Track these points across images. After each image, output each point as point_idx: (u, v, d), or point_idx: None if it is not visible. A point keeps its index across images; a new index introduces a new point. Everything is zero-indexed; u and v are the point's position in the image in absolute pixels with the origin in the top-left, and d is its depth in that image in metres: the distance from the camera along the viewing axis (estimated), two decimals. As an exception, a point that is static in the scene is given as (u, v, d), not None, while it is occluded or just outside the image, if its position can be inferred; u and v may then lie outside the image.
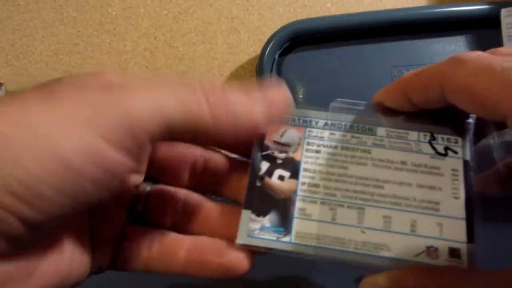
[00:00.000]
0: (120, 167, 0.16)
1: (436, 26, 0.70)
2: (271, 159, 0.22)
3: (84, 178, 0.15)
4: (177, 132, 0.18)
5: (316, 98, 0.92)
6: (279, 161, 0.22)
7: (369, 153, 0.22)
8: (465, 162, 0.22)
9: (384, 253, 0.20)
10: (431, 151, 0.22)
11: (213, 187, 0.24)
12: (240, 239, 0.21)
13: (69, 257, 0.19)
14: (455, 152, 0.22)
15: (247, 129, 0.19)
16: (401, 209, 0.21)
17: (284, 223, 0.21)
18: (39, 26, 0.75)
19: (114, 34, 0.74)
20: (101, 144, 0.15)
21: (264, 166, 0.22)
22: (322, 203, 0.21)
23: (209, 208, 0.23)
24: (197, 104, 0.17)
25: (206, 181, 0.24)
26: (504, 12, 0.55)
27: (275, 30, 0.65)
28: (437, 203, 0.21)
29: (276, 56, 0.66)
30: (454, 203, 0.21)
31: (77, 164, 0.15)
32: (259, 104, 0.19)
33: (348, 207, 0.21)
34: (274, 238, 0.20)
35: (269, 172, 0.22)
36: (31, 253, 0.17)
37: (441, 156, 0.22)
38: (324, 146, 0.22)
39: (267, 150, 0.22)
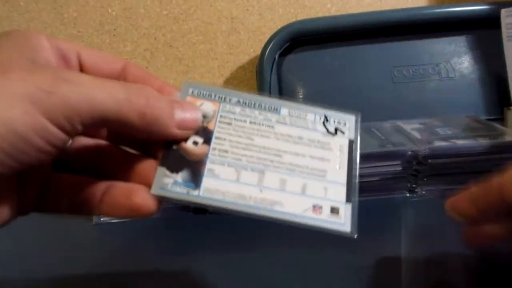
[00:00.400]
0: (59, 140, 0.20)
1: (436, 26, 0.70)
2: None
3: (29, 145, 0.19)
4: (108, 122, 0.21)
5: (316, 98, 0.92)
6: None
7: (273, 128, 0.26)
8: (350, 141, 0.26)
9: (278, 208, 0.24)
10: (324, 130, 0.26)
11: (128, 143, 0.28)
12: (154, 190, 0.23)
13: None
14: (343, 132, 0.27)
15: (162, 132, 0.23)
16: (295, 174, 0.25)
17: (195, 180, 0.24)
18: (39, 27, 0.75)
19: (114, 35, 0.75)
20: (45, 121, 0.19)
21: None
22: (229, 165, 0.24)
23: (126, 157, 0.26)
24: (128, 102, 0.21)
25: (124, 138, 0.27)
26: (504, 12, 0.55)
27: (275, 30, 0.65)
28: (325, 171, 0.25)
29: (276, 56, 0.66)
30: (338, 172, 0.25)
31: (24, 133, 0.18)
32: (177, 116, 0.23)
33: (251, 170, 0.25)
34: (185, 192, 0.23)
35: (185, 138, 0.25)
36: None
37: (331, 134, 0.26)
38: (235, 119, 0.26)
39: None
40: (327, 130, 0.26)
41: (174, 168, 0.24)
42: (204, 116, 0.25)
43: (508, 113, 0.58)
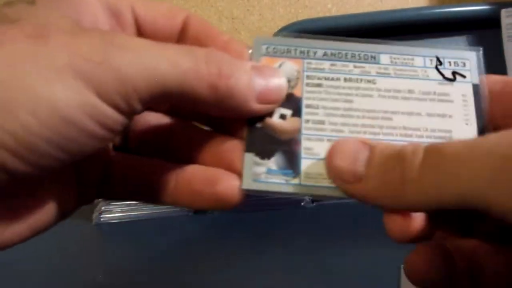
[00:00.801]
0: (115, 122, 0.16)
1: (436, 27, 0.70)
2: None
3: (81, 133, 0.15)
4: (171, 97, 0.17)
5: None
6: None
7: (374, 83, 0.21)
8: (474, 86, 0.21)
9: None
10: (439, 76, 0.21)
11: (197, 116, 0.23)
12: (246, 184, 0.19)
13: (56, 198, 0.19)
14: (463, 76, 0.21)
15: (239, 108, 0.19)
16: (412, 139, 0.20)
17: (292, 165, 0.19)
18: (39, 27, 0.75)
19: (114, 35, 0.74)
20: (96, 100, 0.15)
21: None
22: (329, 140, 0.20)
23: (199, 135, 0.22)
24: (195, 72, 0.17)
25: (193, 111, 0.23)
26: (504, 12, 0.55)
27: (275, 30, 0.65)
28: (449, 131, 0.20)
29: (277, 57, 0.66)
30: (466, 130, 0.20)
31: (75, 118, 0.15)
32: (257, 87, 0.19)
33: None
34: (283, 181, 0.19)
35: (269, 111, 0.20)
36: (12, 200, 0.17)
37: (449, 81, 0.21)
38: (326, 78, 0.21)
39: None
40: (443, 76, 0.21)
41: (264, 153, 0.19)
42: (288, 81, 0.20)
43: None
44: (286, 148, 0.20)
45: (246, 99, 0.19)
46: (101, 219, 0.49)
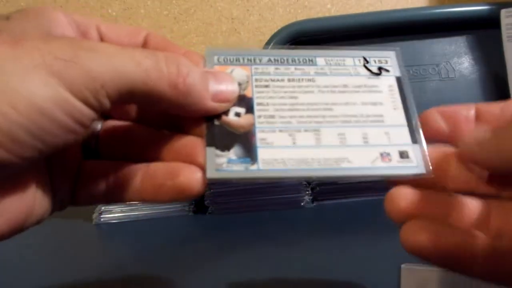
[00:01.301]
0: (85, 116, 0.18)
1: (436, 27, 0.70)
2: None
3: (54, 124, 0.17)
4: (137, 97, 0.19)
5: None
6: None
7: (314, 81, 0.24)
8: (397, 78, 0.25)
9: (345, 165, 0.22)
10: (367, 72, 0.25)
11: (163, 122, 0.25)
12: (210, 174, 0.21)
13: (31, 195, 0.20)
14: (387, 71, 0.25)
15: (196, 106, 0.21)
16: (352, 125, 0.23)
17: (250, 154, 0.22)
18: (39, 27, 0.75)
19: (114, 35, 0.74)
20: (67, 94, 0.17)
21: None
22: (280, 131, 0.22)
23: (161, 137, 0.24)
24: (157, 71, 0.19)
25: (155, 117, 0.25)
26: (504, 12, 0.55)
27: (275, 31, 0.65)
28: (381, 115, 0.23)
29: (277, 57, 0.66)
30: (395, 114, 0.24)
31: (48, 110, 0.17)
32: (211, 88, 0.21)
33: (305, 131, 0.23)
34: (243, 168, 0.21)
35: (225, 111, 0.23)
36: None
37: (376, 75, 0.25)
38: (272, 80, 0.24)
39: None
40: (371, 71, 0.25)
41: (224, 146, 0.22)
42: (239, 84, 0.23)
43: (508, 113, 0.58)
44: (243, 140, 0.22)
45: (202, 96, 0.21)
46: (101, 219, 0.49)
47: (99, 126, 0.25)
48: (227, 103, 0.22)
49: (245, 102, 0.23)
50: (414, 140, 0.23)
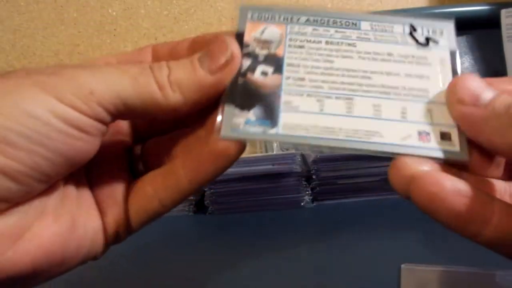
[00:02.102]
0: (82, 123, 0.18)
1: (436, 27, 0.70)
2: (252, 56, 0.22)
3: (45, 126, 0.18)
4: (133, 109, 0.19)
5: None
6: (260, 58, 0.22)
7: (355, 46, 0.22)
8: (452, 52, 0.22)
9: (376, 139, 0.20)
10: (414, 42, 0.22)
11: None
12: (225, 133, 0.20)
13: (69, 219, 0.21)
14: (436, 42, 0.22)
15: (198, 96, 0.20)
16: (390, 97, 0.21)
17: (270, 116, 0.20)
18: (39, 27, 0.75)
19: (114, 35, 0.75)
20: (54, 101, 0.18)
21: (246, 63, 0.21)
22: (308, 95, 0.21)
23: (187, 136, 0.23)
24: (146, 82, 0.19)
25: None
26: (504, 12, 0.55)
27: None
28: (426, 90, 0.21)
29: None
30: (444, 90, 0.21)
31: (37, 113, 0.17)
32: (205, 69, 0.20)
33: (336, 97, 0.21)
34: (260, 131, 0.20)
35: (251, 69, 0.21)
36: (24, 212, 0.19)
37: (424, 46, 0.22)
38: (308, 41, 0.22)
39: (247, 47, 0.22)
40: (417, 41, 0.22)
41: (244, 105, 0.20)
42: (270, 42, 0.22)
43: (508, 113, 0.58)
44: (266, 101, 0.21)
45: (196, 79, 0.20)
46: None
47: (139, 147, 0.25)
48: (231, 65, 0.21)
49: (274, 61, 0.22)
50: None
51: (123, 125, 0.25)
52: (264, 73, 0.21)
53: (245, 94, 0.21)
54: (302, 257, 0.39)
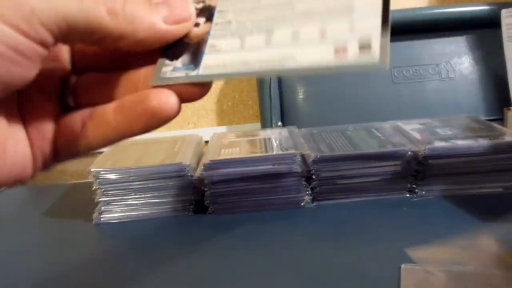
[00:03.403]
0: (25, 47, 0.18)
1: (436, 27, 0.70)
2: None
3: None
4: (78, 30, 0.19)
5: (316, 98, 0.92)
6: (196, 11, 0.23)
7: None
8: None
9: (289, 63, 0.20)
10: None
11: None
12: (154, 82, 0.21)
13: (10, 153, 0.21)
14: None
15: (145, 36, 0.21)
16: (311, 22, 0.21)
17: (195, 61, 0.22)
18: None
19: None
20: (6, 28, 0.17)
21: None
22: (232, 35, 0.22)
23: (126, 76, 0.24)
24: (94, 4, 0.19)
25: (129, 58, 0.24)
26: (504, 12, 0.55)
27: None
28: (351, 7, 0.21)
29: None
30: (370, 5, 0.20)
31: None
32: (160, 17, 0.21)
33: (257, 32, 0.22)
34: (183, 75, 0.21)
35: None
36: None
37: None
38: None
39: None
40: None
41: (174, 56, 0.22)
42: None
43: (508, 113, 0.58)
44: (194, 49, 0.22)
45: (150, 21, 0.21)
46: (101, 219, 0.49)
47: (73, 79, 0.25)
48: (185, 23, 0.22)
49: (208, 11, 0.23)
50: (385, 30, 0.20)
51: (63, 52, 0.24)
52: (197, 25, 0.23)
53: (177, 46, 0.22)
54: (302, 257, 0.39)
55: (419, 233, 0.42)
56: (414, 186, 0.49)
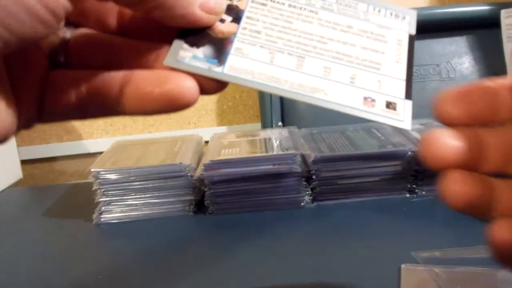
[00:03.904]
0: (58, 5, 0.17)
1: (436, 27, 0.70)
2: None
3: (26, 11, 0.16)
4: None
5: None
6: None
7: (316, 13, 0.23)
8: (410, 36, 0.24)
9: (320, 95, 0.21)
10: (379, 21, 0.23)
11: (148, 34, 0.23)
12: (169, 61, 0.20)
13: None
14: (400, 27, 0.24)
15: (185, 11, 0.20)
16: (342, 63, 0.22)
17: (219, 57, 0.21)
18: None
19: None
20: None
21: None
22: (261, 46, 0.22)
23: (142, 47, 0.22)
24: None
25: (139, 27, 0.22)
26: (504, 13, 0.55)
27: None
28: (379, 63, 0.22)
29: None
30: (396, 66, 0.22)
31: None
32: (198, 3, 0.20)
33: (289, 54, 0.22)
34: (206, 67, 0.21)
35: None
36: None
37: (386, 28, 0.23)
38: (271, 1, 0.23)
39: None
40: (382, 23, 0.23)
41: (194, 43, 0.21)
42: None
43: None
44: (217, 44, 0.21)
45: (190, 2, 0.20)
46: (101, 219, 0.49)
47: (67, 33, 0.22)
48: (215, 15, 0.21)
49: (235, 12, 0.22)
50: (408, 96, 0.22)
51: None
52: (222, 20, 0.22)
53: (199, 35, 0.21)
54: (302, 257, 0.39)
55: (419, 233, 0.42)
56: (414, 186, 0.49)
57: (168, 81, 0.19)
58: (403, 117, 0.21)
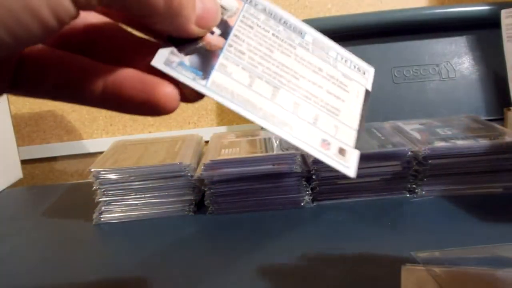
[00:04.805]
0: (67, 13, 0.17)
1: (436, 27, 0.70)
2: None
3: (34, 16, 0.16)
4: (129, 7, 0.18)
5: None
6: None
7: (295, 49, 0.25)
8: (367, 91, 0.26)
9: (287, 130, 0.23)
10: (344, 71, 0.26)
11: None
12: (156, 63, 0.21)
13: None
14: (360, 80, 0.26)
15: (181, 26, 0.20)
16: (310, 102, 0.24)
17: (204, 68, 0.22)
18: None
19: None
20: None
21: None
22: (243, 68, 0.23)
23: (136, 41, 0.22)
24: None
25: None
26: (504, 13, 0.55)
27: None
28: (338, 110, 0.25)
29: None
30: (351, 116, 0.25)
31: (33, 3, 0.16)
32: (193, 18, 0.20)
33: (266, 82, 0.23)
34: (191, 77, 0.21)
35: None
36: None
37: (348, 79, 0.26)
38: (258, 26, 0.24)
39: None
40: (346, 72, 0.26)
41: (183, 49, 0.22)
42: (225, 9, 0.23)
43: (508, 113, 0.58)
44: (204, 55, 0.22)
45: (189, 19, 0.20)
46: (101, 219, 0.49)
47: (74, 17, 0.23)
48: (206, 30, 0.22)
49: (224, 26, 0.23)
50: (357, 146, 0.24)
51: None
52: (212, 32, 0.23)
53: (187, 42, 0.22)
54: (301, 257, 0.39)
55: (419, 233, 0.42)
56: (414, 186, 0.49)
57: (152, 88, 0.20)
58: (350, 165, 0.24)
